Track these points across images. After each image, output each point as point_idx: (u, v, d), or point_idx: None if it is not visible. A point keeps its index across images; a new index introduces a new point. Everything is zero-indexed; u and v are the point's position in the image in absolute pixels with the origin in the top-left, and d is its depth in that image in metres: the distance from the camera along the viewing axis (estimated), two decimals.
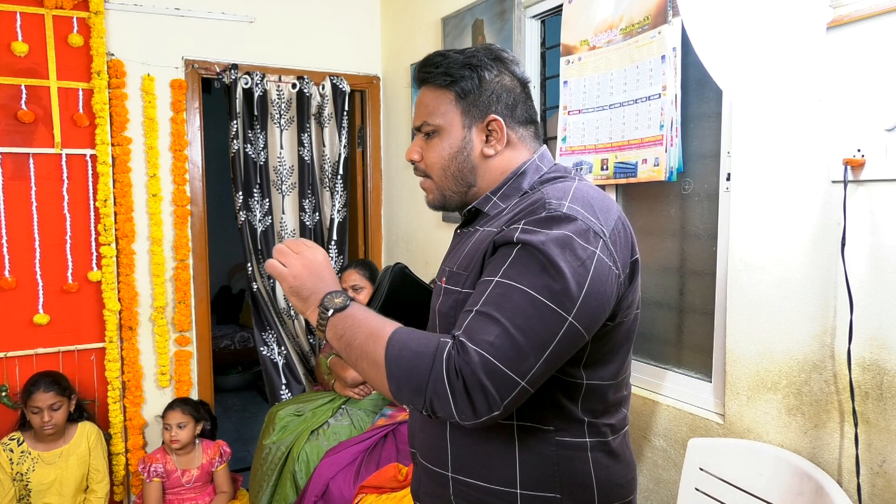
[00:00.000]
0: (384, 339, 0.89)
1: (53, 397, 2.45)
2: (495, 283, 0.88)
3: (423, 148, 1.09)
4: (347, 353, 0.94)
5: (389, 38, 3.28)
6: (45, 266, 2.69)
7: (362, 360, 0.92)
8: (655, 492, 1.83)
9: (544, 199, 0.94)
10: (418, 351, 0.86)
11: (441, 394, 0.84)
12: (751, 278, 1.55)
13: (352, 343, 0.93)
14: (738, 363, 1.60)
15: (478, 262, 0.98)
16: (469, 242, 1.06)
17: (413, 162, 1.11)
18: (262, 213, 3.06)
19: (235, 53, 2.99)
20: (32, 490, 2.45)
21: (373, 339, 0.91)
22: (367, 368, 0.92)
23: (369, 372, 0.91)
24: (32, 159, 2.65)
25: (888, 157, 1.27)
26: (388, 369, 0.88)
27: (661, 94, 1.72)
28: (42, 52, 2.62)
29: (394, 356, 0.87)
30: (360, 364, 0.92)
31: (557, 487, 0.99)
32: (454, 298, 1.01)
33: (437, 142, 1.07)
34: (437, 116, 1.06)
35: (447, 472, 1.05)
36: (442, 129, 1.06)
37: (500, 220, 1.01)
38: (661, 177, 1.71)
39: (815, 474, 1.38)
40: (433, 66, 1.06)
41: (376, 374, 0.90)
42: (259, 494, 2.50)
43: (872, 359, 1.32)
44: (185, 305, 2.94)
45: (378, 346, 0.89)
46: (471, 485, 1.02)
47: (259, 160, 3.02)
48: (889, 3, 1.25)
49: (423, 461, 1.11)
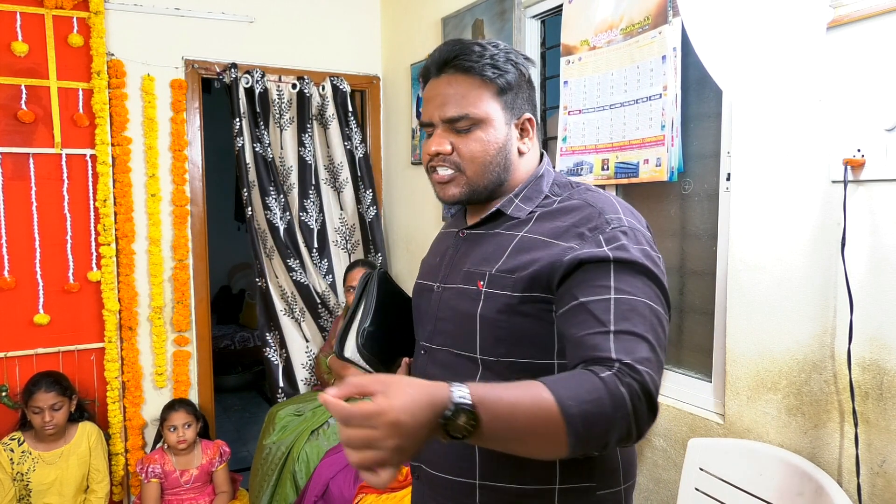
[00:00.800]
0: (553, 405, 0.76)
1: (54, 397, 2.45)
2: (614, 300, 0.88)
3: (456, 140, 1.03)
4: (509, 441, 0.79)
5: (389, 38, 3.28)
6: (45, 266, 2.69)
7: (533, 436, 0.78)
8: (655, 492, 1.83)
9: (600, 213, 0.98)
10: (594, 398, 0.78)
11: (628, 424, 0.80)
12: (751, 278, 1.55)
13: (513, 427, 0.76)
14: (738, 363, 1.60)
15: (539, 272, 0.94)
16: (494, 243, 1.04)
17: (440, 154, 1.03)
18: (280, 211, 3.04)
19: (235, 53, 2.99)
20: (33, 490, 2.45)
21: (541, 412, 0.76)
22: (538, 444, 0.79)
23: (541, 446, 0.80)
24: (32, 159, 2.65)
25: (888, 157, 1.27)
26: (573, 431, 0.76)
27: (661, 95, 1.72)
28: (42, 52, 2.62)
29: (577, 416, 0.76)
30: (529, 441, 0.79)
31: (594, 475, 1.01)
32: (504, 303, 0.97)
33: (479, 134, 1.02)
34: (479, 108, 1.01)
35: (473, 479, 1.02)
36: (485, 122, 1.02)
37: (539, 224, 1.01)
38: (664, 177, 1.71)
39: (815, 474, 1.38)
40: (475, 55, 1.01)
41: (549, 445, 0.79)
42: (259, 494, 2.50)
43: (872, 359, 1.32)
44: (183, 305, 2.93)
45: (551, 416, 0.76)
46: (502, 489, 1.00)
47: (267, 156, 3.02)
48: (889, 3, 1.25)
49: (438, 472, 1.06)
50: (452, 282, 1.07)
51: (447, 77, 1.04)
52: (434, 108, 1.04)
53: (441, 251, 1.16)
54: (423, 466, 1.09)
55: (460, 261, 1.08)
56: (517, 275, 0.97)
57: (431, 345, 1.08)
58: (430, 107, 1.05)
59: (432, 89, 1.05)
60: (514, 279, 0.97)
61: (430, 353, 1.08)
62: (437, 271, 1.12)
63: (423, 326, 1.11)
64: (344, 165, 3.19)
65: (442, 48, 1.05)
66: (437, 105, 1.03)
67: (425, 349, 1.09)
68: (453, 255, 1.11)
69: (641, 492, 1.88)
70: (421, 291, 1.15)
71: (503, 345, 0.99)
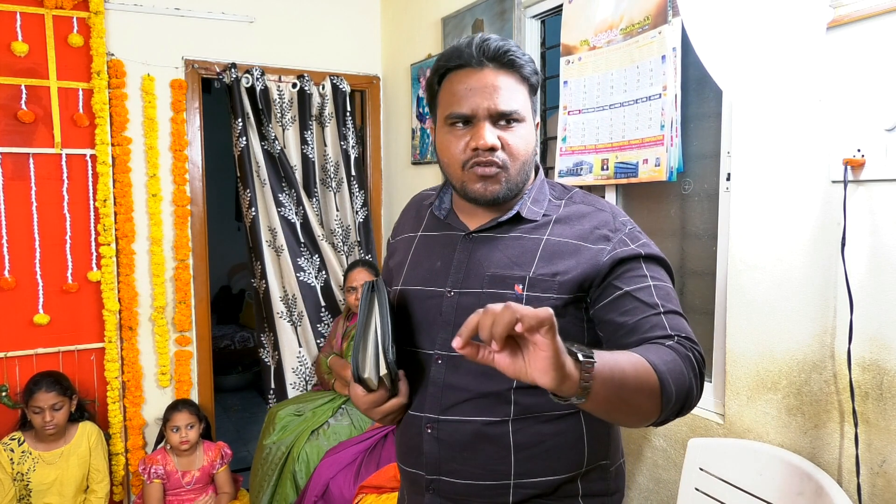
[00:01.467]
0: (650, 367, 0.84)
1: (55, 397, 2.45)
2: (654, 286, 0.99)
3: (501, 135, 1.01)
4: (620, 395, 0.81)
5: (389, 38, 3.28)
6: (45, 266, 2.69)
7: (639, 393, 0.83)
8: (655, 492, 1.83)
9: (613, 216, 1.07)
10: (675, 366, 0.89)
11: (696, 386, 0.91)
12: (751, 278, 1.55)
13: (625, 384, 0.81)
14: (738, 363, 1.60)
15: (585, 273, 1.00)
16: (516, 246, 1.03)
17: (492, 149, 1.00)
18: (294, 206, 3.05)
19: (235, 53, 2.99)
20: (33, 490, 2.45)
21: (642, 371, 0.84)
22: (641, 401, 0.84)
23: (642, 404, 0.84)
24: (32, 159, 2.65)
25: (888, 157, 1.27)
26: (667, 391, 0.85)
27: (661, 94, 1.72)
28: (42, 52, 2.62)
29: (666, 377, 0.86)
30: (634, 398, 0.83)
31: (608, 453, 1.09)
32: (551, 305, 0.92)
33: (522, 132, 1.03)
34: (524, 106, 1.03)
35: (508, 480, 1.02)
36: (525, 121, 1.04)
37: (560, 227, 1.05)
38: (663, 177, 1.71)
39: (815, 474, 1.38)
40: (519, 54, 1.03)
41: (647, 404, 0.85)
42: (259, 494, 2.50)
43: (872, 359, 1.32)
44: (185, 305, 2.94)
45: (650, 375, 0.84)
46: (537, 483, 1.03)
47: (274, 152, 3.02)
48: (889, 3, 1.25)
49: (468, 481, 1.03)
50: (472, 286, 1.03)
51: (493, 70, 1.01)
52: (481, 99, 0.99)
53: (439, 254, 1.11)
54: (444, 478, 1.05)
55: (477, 264, 1.05)
56: (561, 278, 1.00)
57: (451, 353, 1.03)
58: (474, 98, 1.00)
59: (475, 80, 1.00)
60: (558, 282, 1.00)
61: (449, 362, 1.04)
62: (441, 276, 1.08)
63: (432, 334, 1.06)
64: (340, 165, 3.19)
65: (484, 40, 1.01)
66: (486, 97, 0.99)
67: (441, 358, 1.05)
68: (464, 259, 1.07)
69: (641, 492, 1.88)
70: (421, 298, 1.09)
71: None
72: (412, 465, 1.09)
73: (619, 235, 1.04)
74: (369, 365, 1.02)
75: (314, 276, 3.11)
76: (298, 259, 3.07)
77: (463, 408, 1.03)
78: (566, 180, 2.01)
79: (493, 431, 1.02)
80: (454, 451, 1.04)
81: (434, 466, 1.06)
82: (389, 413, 1.08)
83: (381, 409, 1.07)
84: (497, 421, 1.01)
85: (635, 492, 1.90)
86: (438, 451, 1.05)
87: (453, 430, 1.03)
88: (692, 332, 0.97)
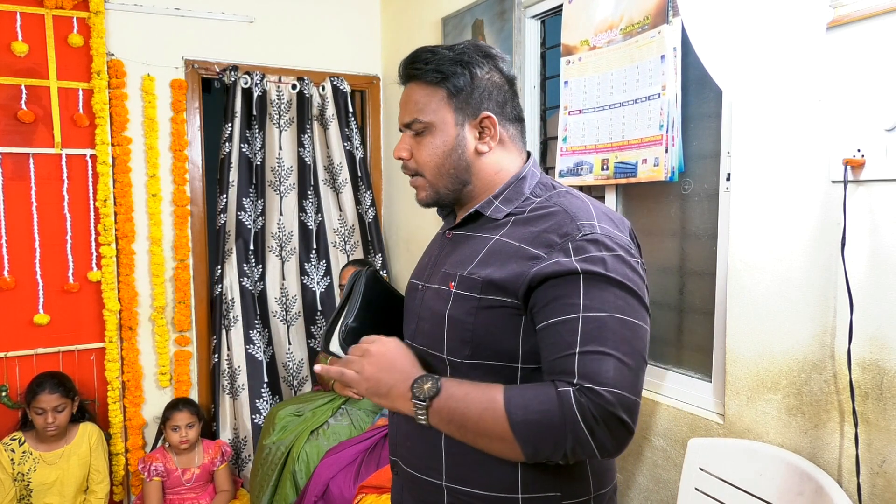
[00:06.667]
0: (501, 409, 0.88)
1: (58, 399, 2.45)
2: (582, 318, 0.89)
3: (413, 146, 1.07)
4: (462, 434, 0.93)
5: (389, 38, 3.28)
6: (45, 266, 2.69)
7: (482, 437, 0.91)
8: (655, 492, 1.83)
9: (573, 218, 0.96)
10: (543, 409, 0.86)
11: (583, 440, 0.85)
12: (751, 278, 1.55)
13: (465, 424, 0.92)
14: (738, 363, 1.60)
15: (505, 279, 0.96)
16: (472, 245, 1.05)
17: (402, 160, 1.10)
18: (255, 214, 3.04)
19: (235, 53, 2.99)
20: (33, 490, 2.45)
21: (489, 413, 0.89)
22: (489, 443, 0.91)
23: (493, 445, 0.91)
24: (32, 159, 2.65)
25: (888, 157, 1.27)
26: (520, 437, 0.87)
27: (661, 94, 1.72)
28: (42, 52, 2.62)
29: (521, 424, 0.87)
30: (480, 441, 0.92)
31: (558, 485, 1.00)
32: (472, 305, 0.99)
33: (429, 139, 1.05)
34: (428, 113, 1.04)
35: (440, 481, 1.04)
36: (434, 127, 1.05)
37: (514, 228, 1.02)
38: (662, 177, 1.71)
39: (815, 474, 1.38)
40: (422, 62, 1.04)
41: (502, 446, 0.90)
42: (260, 494, 2.50)
43: (872, 359, 1.32)
44: (185, 305, 2.94)
45: (498, 418, 0.88)
46: (469, 493, 1.01)
47: (255, 160, 3.01)
48: (889, 3, 1.25)
49: (411, 470, 1.09)
50: (433, 282, 1.08)
51: (407, 86, 1.09)
52: (400, 113, 1.09)
53: (431, 251, 1.18)
54: (399, 462, 1.12)
55: (442, 261, 1.09)
56: (482, 278, 0.98)
57: (414, 343, 1.09)
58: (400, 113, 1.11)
59: (402, 96, 1.10)
60: (479, 281, 0.98)
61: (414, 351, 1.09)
62: (424, 271, 1.14)
63: (408, 325, 1.13)
64: (343, 166, 3.18)
65: (407, 56, 1.08)
66: (400, 113, 1.09)
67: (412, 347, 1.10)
68: (438, 256, 1.13)
69: (641, 492, 1.88)
70: (410, 290, 1.16)
71: (468, 346, 1.00)
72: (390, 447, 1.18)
73: (566, 243, 0.93)
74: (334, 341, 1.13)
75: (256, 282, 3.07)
76: (305, 264, 3.09)
77: None
78: (566, 180, 2.01)
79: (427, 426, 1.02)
80: (404, 437, 1.11)
81: (394, 448, 1.15)
82: None
83: None
84: None
85: (635, 492, 1.90)
86: (396, 434, 1.14)
87: (406, 418, 1.04)
88: (611, 376, 0.86)
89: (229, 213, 2.99)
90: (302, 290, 3.16)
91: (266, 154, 3.06)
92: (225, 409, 2.97)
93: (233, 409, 2.98)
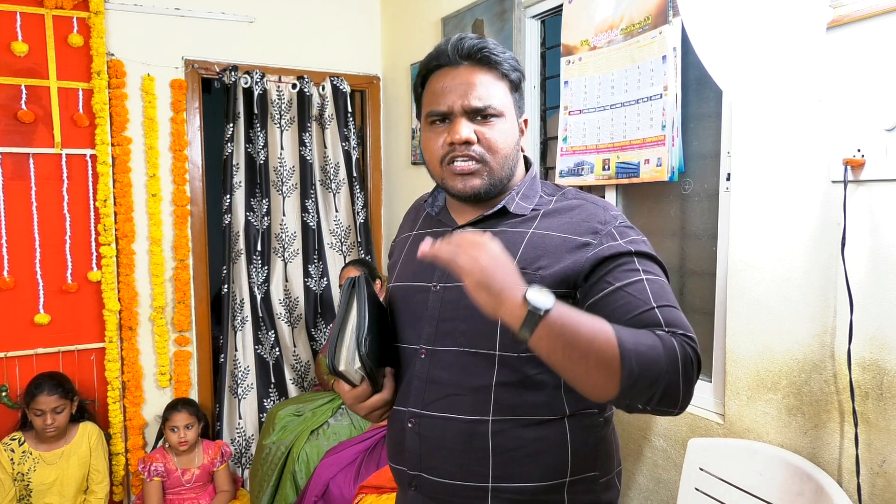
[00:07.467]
0: (612, 335, 0.84)
1: (57, 400, 2.45)
2: (647, 280, 0.97)
3: (478, 129, 1.03)
4: (566, 353, 0.85)
5: (389, 38, 3.28)
6: (45, 266, 2.69)
7: (585, 359, 0.84)
8: (655, 492, 1.83)
9: (604, 209, 1.05)
10: (650, 344, 0.86)
11: (674, 384, 0.87)
12: (751, 278, 1.55)
13: (574, 342, 0.84)
14: (738, 363, 1.60)
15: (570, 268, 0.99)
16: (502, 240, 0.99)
17: (467, 143, 1.02)
18: (261, 214, 3.05)
19: (235, 53, 2.99)
20: (33, 490, 2.45)
21: (601, 335, 0.84)
22: (588, 369, 0.85)
23: (591, 372, 0.85)
24: (32, 159, 2.65)
25: (888, 157, 1.27)
26: (626, 366, 0.83)
27: (662, 94, 1.72)
28: (42, 52, 2.62)
29: (632, 351, 0.84)
30: (580, 364, 0.85)
31: (598, 464, 1.05)
32: None
33: (501, 125, 1.04)
34: (502, 101, 1.04)
35: (485, 483, 1.01)
36: (504, 116, 1.05)
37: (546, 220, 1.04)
38: (664, 177, 1.71)
39: (815, 474, 1.38)
40: (499, 50, 1.05)
41: (600, 374, 0.84)
42: (260, 494, 2.50)
43: (872, 359, 1.32)
44: (184, 305, 2.94)
45: (609, 342, 0.84)
46: (517, 489, 1.00)
47: (259, 160, 3.02)
48: (889, 3, 1.25)
49: (446, 479, 1.03)
50: (456, 280, 1.02)
51: (468, 68, 1.04)
52: (456, 96, 1.02)
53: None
54: (424, 475, 1.05)
55: None
56: (543, 272, 0.98)
57: (435, 347, 1.05)
58: (450, 95, 1.03)
59: (451, 78, 1.04)
60: (541, 276, 0.98)
61: (432, 356, 1.05)
62: (429, 271, 1.08)
63: (417, 329, 1.08)
64: (340, 166, 3.18)
65: (459, 39, 1.05)
66: (460, 94, 1.02)
67: (426, 352, 1.06)
68: None
69: (641, 492, 1.88)
70: (409, 293, 1.11)
71: None
72: (397, 460, 1.10)
73: (609, 228, 1.01)
74: (344, 358, 1.02)
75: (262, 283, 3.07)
76: (309, 266, 3.09)
77: (444, 403, 1.03)
78: (567, 180, 2.01)
79: (471, 430, 1.00)
80: (433, 447, 1.04)
81: (415, 462, 1.06)
82: (374, 409, 1.07)
83: (364, 404, 1.06)
84: (476, 420, 1.00)
85: (635, 492, 1.90)
86: (419, 446, 1.05)
87: (434, 426, 1.03)
88: (690, 328, 0.93)
89: (237, 214, 2.99)
90: (305, 291, 3.16)
91: (269, 154, 3.06)
92: (231, 409, 2.99)
93: (238, 409, 2.99)
